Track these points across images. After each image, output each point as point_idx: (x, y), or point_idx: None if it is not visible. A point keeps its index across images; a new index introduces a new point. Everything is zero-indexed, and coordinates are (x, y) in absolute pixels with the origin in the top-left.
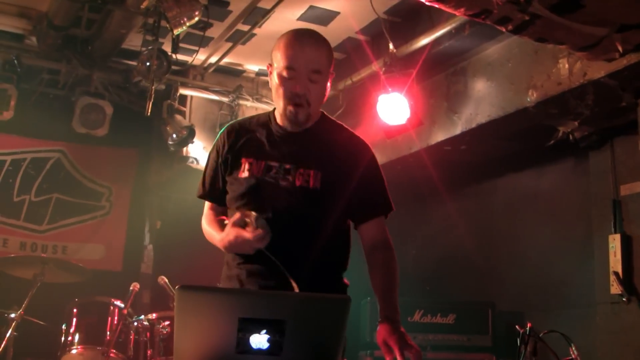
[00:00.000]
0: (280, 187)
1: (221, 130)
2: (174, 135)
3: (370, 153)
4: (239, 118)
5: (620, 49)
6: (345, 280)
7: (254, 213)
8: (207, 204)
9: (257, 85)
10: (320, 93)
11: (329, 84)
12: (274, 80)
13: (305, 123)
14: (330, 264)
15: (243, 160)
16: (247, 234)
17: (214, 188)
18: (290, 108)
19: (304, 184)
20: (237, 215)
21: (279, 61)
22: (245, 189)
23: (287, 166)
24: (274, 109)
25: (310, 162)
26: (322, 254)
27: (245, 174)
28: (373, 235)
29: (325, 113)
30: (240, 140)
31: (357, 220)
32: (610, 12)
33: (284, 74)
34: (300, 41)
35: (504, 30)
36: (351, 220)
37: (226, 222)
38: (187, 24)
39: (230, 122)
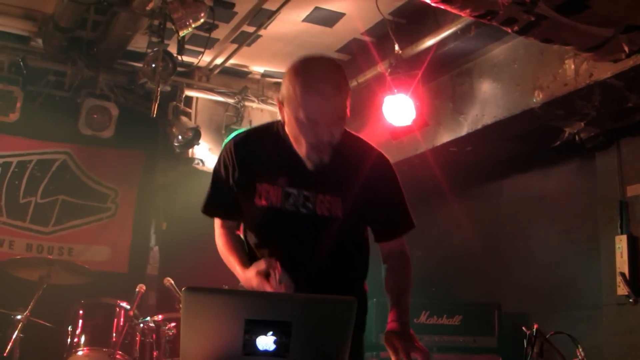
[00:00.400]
0: (301, 215)
1: (225, 142)
2: (180, 137)
3: (387, 165)
4: (243, 129)
5: (626, 49)
6: (365, 286)
7: (279, 268)
8: (217, 221)
9: (262, 86)
10: (342, 129)
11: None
12: (288, 120)
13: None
14: (352, 276)
15: (258, 186)
16: (269, 288)
17: (226, 207)
18: (315, 155)
19: (325, 212)
20: (262, 264)
21: (296, 107)
22: (264, 218)
23: (306, 193)
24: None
25: (329, 187)
26: (344, 271)
27: (262, 202)
28: (391, 247)
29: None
30: (250, 160)
31: (378, 239)
32: (617, 12)
33: (305, 122)
34: (321, 91)
35: (509, 31)
36: (372, 231)
37: (240, 235)
38: (193, 25)
39: (235, 136)
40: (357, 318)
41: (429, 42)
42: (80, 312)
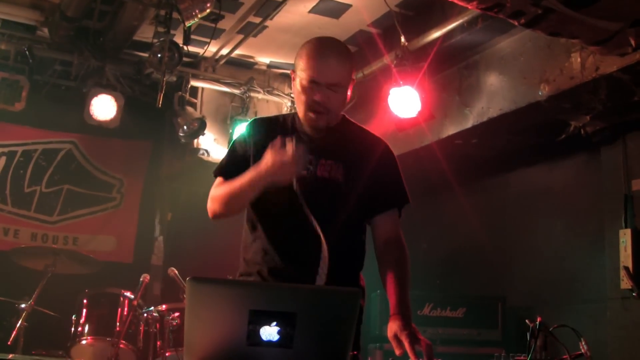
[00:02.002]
0: (301, 177)
1: (248, 123)
2: (185, 127)
3: (386, 146)
4: (264, 116)
5: (633, 43)
6: (362, 281)
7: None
8: (217, 180)
9: (268, 77)
10: (341, 101)
11: (349, 92)
12: (296, 86)
13: (324, 129)
14: (349, 261)
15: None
16: (289, 148)
17: (237, 172)
18: (310, 115)
19: (324, 174)
20: (278, 140)
21: (302, 71)
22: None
23: (310, 157)
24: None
25: (331, 154)
26: (341, 250)
27: None
28: (387, 231)
29: (346, 116)
30: (267, 136)
31: (372, 212)
32: (624, 6)
33: (306, 84)
34: (324, 54)
35: (516, 24)
36: (366, 215)
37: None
38: (199, 15)
39: (257, 118)
40: None
41: (436, 34)
42: (85, 301)
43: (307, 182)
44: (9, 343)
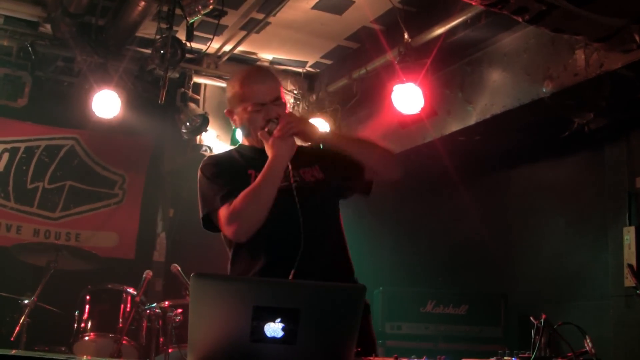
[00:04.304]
0: (294, 187)
1: (205, 163)
2: (188, 124)
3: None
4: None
5: (637, 40)
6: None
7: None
8: (223, 207)
9: None
10: (285, 109)
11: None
12: (240, 118)
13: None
14: (346, 268)
15: (250, 172)
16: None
17: (233, 191)
18: (271, 124)
19: (311, 178)
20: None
21: (243, 101)
22: None
23: (291, 168)
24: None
25: (303, 162)
26: (336, 255)
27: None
28: None
29: None
30: (233, 164)
31: (349, 191)
32: (628, 2)
33: (253, 109)
34: (257, 79)
35: (520, 20)
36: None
37: None
38: (202, 12)
39: (210, 156)
40: None
41: (439, 30)
42: (87, 297)
43: (300, 190)
44: (12, 339)
